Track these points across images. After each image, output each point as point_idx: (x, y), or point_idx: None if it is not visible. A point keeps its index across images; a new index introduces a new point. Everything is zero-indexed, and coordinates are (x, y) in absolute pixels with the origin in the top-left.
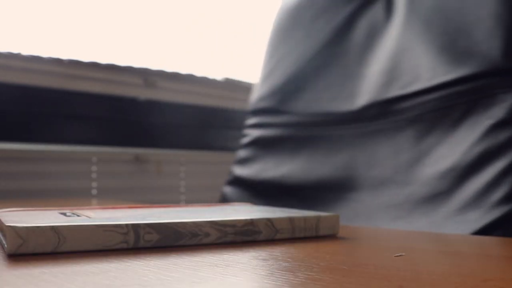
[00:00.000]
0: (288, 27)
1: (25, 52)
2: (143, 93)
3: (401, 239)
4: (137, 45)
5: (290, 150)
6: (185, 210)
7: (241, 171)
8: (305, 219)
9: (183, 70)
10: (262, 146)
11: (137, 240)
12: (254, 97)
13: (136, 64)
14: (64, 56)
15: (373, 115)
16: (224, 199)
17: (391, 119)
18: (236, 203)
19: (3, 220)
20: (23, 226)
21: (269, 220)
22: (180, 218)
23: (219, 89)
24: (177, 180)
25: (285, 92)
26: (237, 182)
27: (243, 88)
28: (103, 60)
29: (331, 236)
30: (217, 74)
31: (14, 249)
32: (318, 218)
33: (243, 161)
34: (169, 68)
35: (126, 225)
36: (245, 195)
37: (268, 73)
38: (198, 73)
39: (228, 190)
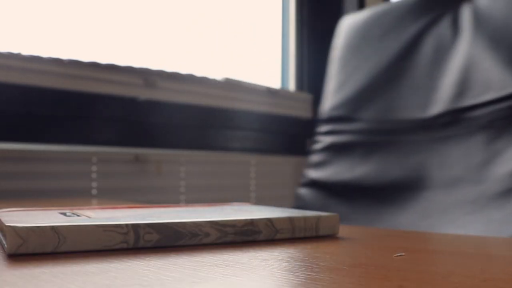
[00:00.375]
0: (357, 43)
1: (25, 52)
2: (143, 93)
3: (401, 239)
4: (137, 45)
5: (363, 154)
6: (185, 210)
7: (316, 174)
8: (305, 219)
9: (183, 70)
10: (336, 151)
11: (137, 240)
12: (326, 107)
13: (136, 64)
14: (64, 56)
15: (446, 122)
16: (300, 200)
17: (463, 125)
18: (235, 203)
19: (3, 220)
20: (23, 226)
21: (269, 220)
22: (180, 218)
23: (219, 89)
24: (177, 180)
25: (357, 102)
26: (313, 184)
27: (243, 88)
28: (103, 60)
29: (331, 236)
30: (217, 74)
31: (14, 249)
32: (318, 218)
33: (317, 165)
34: (169, 68)
35: (126, 225)
36: (321, 196)
37: (339, 85)
38: (198, 73)
39: (304, 191)
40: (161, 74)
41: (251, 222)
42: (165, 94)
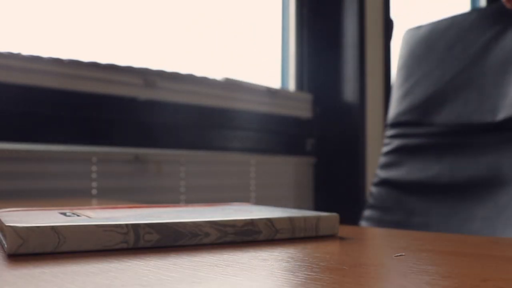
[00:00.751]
0: (422, 54)
1: (25, 52)
2: (143, 93)
3: (401, 239)
4: (137, 45)
5: (436, 155)
6: (185, 210)
7: (387, 174)
8: (305, 219)
9: (183, 70)
10: (406, 152)
11: (137, 240)
12: (393, 112)
13: (136, 64)
14: (64, 56)
15: None
16: (373, 198)
17: None
18: (235, 203)
19: (3, 220)
20: (23, 226)
21: (269, 220)
22: (180, 218)
23: (219, 89)
24: (177, 180)
25: (426, 108)
26: (385, 183)
27: (243, 88)
28: (103, 60)
29: (331, 236)
30: (217, 74)
31: (14, 249)
32: (318, 218)
33: (388, 166)
34: (169, 68)
35: (126, 225)
36: (395, 194)
37: (406, 92)
38: (198, 73)
39: (376, 190)
40: (161, 74)
41: (251, 222)
42: (165, 94)
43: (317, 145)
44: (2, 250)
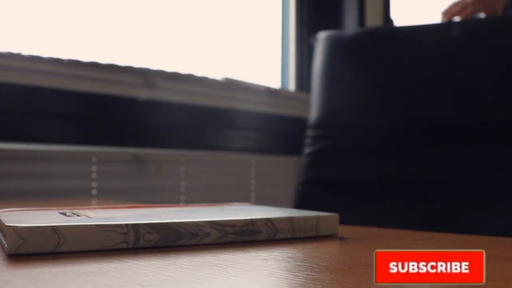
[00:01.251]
0: (351, 59)
1: (25, 52)
2: (143, 93)
3: (401, 239)
4: (137, 45)
5: (363, 156)
6: (185, 210)
7: (314, 173)
8: (305, 219)
9: (183, 70)
10: (333, 153)
11: (137, 240)
12: (317, 114)
13: (136, 64)
14: (64, 56)
15: (446, 131)
16: (301, 197)
17: (459, 135)
18: (235, 203)
19: (3, 220)
20: (23, 226)
21: (269, 220)
22: (180, 218)
23: (219, 89)
24: (177, 180)
25: (355, 111)
26: (312, 183)
27: (243, 88)
28: (103, 60)
29: (331, 236)
30: (217, 74)
31: (14, 249)
32: (318, 218)
33: (314, 166)
34: (169, 68)
35: (126, 225)
36: (323, 193)
37: (331, 95)
38: (198, 73)
39: (303, 189)
40: (161, 74)
41: (251, 222)
42: (165, 94)
43: None
44: (2, 250)
